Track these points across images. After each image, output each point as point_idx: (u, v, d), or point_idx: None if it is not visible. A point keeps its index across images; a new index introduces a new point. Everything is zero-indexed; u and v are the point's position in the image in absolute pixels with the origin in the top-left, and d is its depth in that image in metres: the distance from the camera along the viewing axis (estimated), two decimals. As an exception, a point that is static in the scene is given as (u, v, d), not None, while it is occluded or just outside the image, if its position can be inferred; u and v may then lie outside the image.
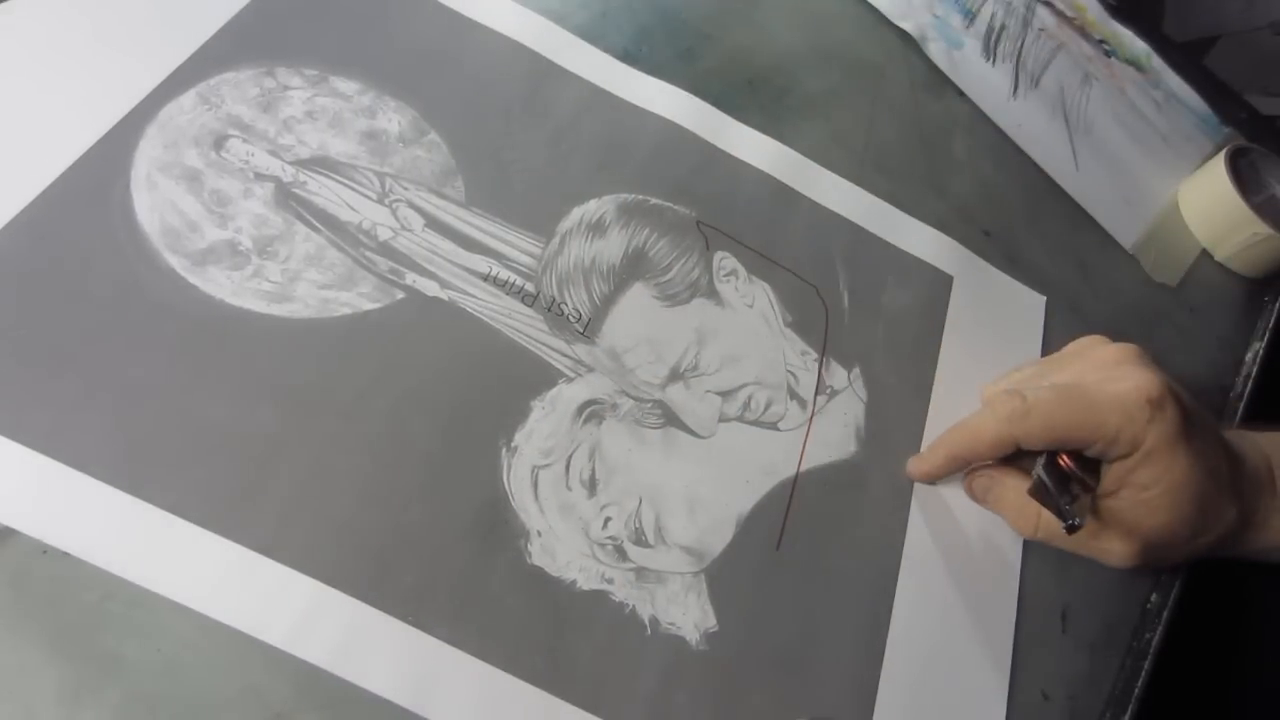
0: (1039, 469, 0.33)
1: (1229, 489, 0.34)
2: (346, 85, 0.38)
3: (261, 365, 0.31)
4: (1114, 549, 0.34)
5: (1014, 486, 0.35)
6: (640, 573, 0.32)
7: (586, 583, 0.31)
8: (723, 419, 0.36)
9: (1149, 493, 0.33)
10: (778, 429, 0.36)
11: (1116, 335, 0.37)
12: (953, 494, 0.37)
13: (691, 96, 0.44)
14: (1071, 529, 0.31)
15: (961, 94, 0.52)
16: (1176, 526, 0.34)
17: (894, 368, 0.40)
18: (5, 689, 0.24)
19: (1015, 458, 0.36)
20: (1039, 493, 0.33)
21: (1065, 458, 0.33)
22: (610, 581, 0.31)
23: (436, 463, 0.31)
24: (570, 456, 0.33)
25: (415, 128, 0.38)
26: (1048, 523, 0.35)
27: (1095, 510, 0.34)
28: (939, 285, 0.43)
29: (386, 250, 0.34)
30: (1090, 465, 0.34)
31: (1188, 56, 0.62)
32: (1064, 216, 0.50)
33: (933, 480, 0.37)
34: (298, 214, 0.34)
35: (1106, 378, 0.34)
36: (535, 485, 0.32)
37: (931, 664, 0.33)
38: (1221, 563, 0.40)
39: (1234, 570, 0.42)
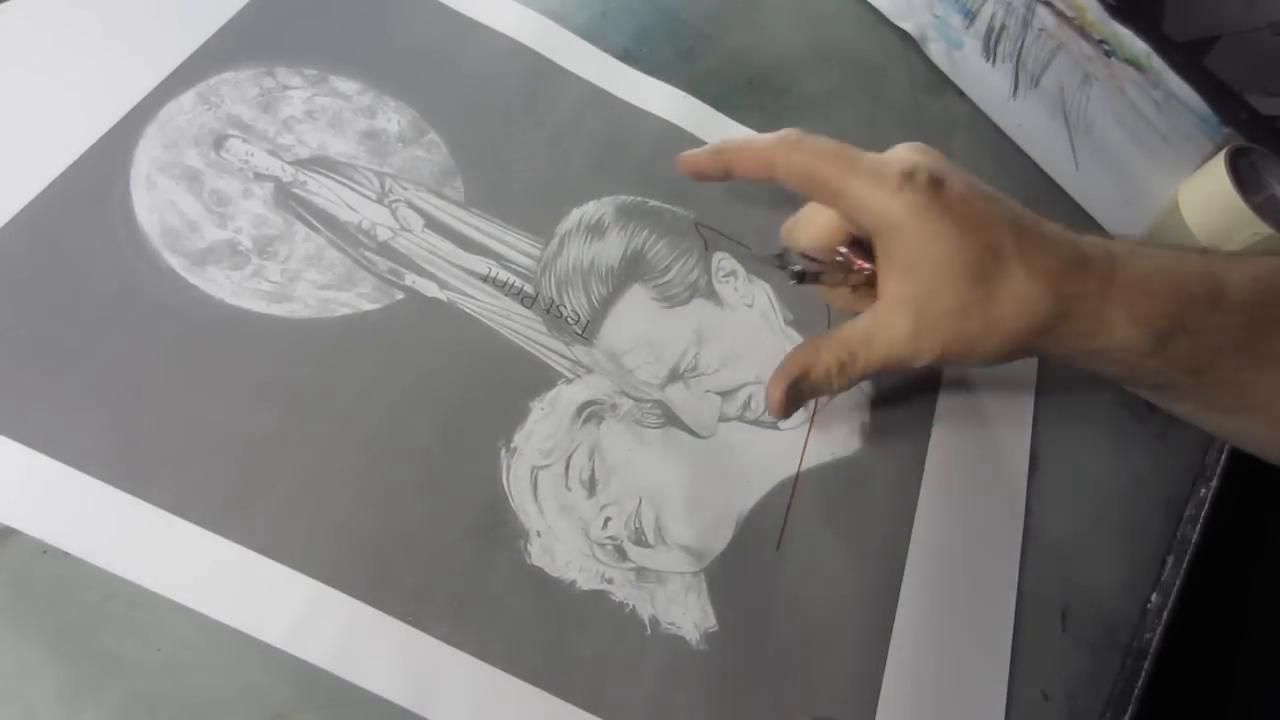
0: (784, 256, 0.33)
1: (1024, 265, 0.30)
2: (346, 85, 0.38)
3: (261, 365, 0.31)
4: (898, 333, 0.31)
5: (796, 352, 0.33)
6: (640, 573, 0.32)
7: (586, 583, 0.31)
8: (723, 419, 0.36)
9: (916, 272, 0.30)
10: (778, 428, 0.36)
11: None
12: (954, 492, 0.37)
13: (690, 97, 0.44)
14: (795, 276, 0.31)
15: (961, 94, 0.52)
16: (961, 306, 0.30)
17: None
18: (5, 689, 0.24)
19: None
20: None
21: (841, 249, 0.33)
22: (610, 581, 0.31)
23: (436, 463, 0.31)
24: (570, 457, 0.33)
25: (415, 128, 0.38)
26: (838, 355, 0.32)
27: (873, 292, 0.32)
28: None
29: (386, 250, 0.34)
30: (868, 256, 0.33)
31: (1188, 56, 0.62)
32: (1064, 216, 0.49)
33: (696, 173, 0.35)
34: (297, 214, 0.34)
35: (885, 154, 0.33)
36: (535, 486, 0.32)
37: (932, 664, 0.33)
38: (1222, 562, 0.41)
39: (1234, 569, 0.42)
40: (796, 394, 0.33)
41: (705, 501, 0.34)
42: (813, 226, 0.34)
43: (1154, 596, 0.39)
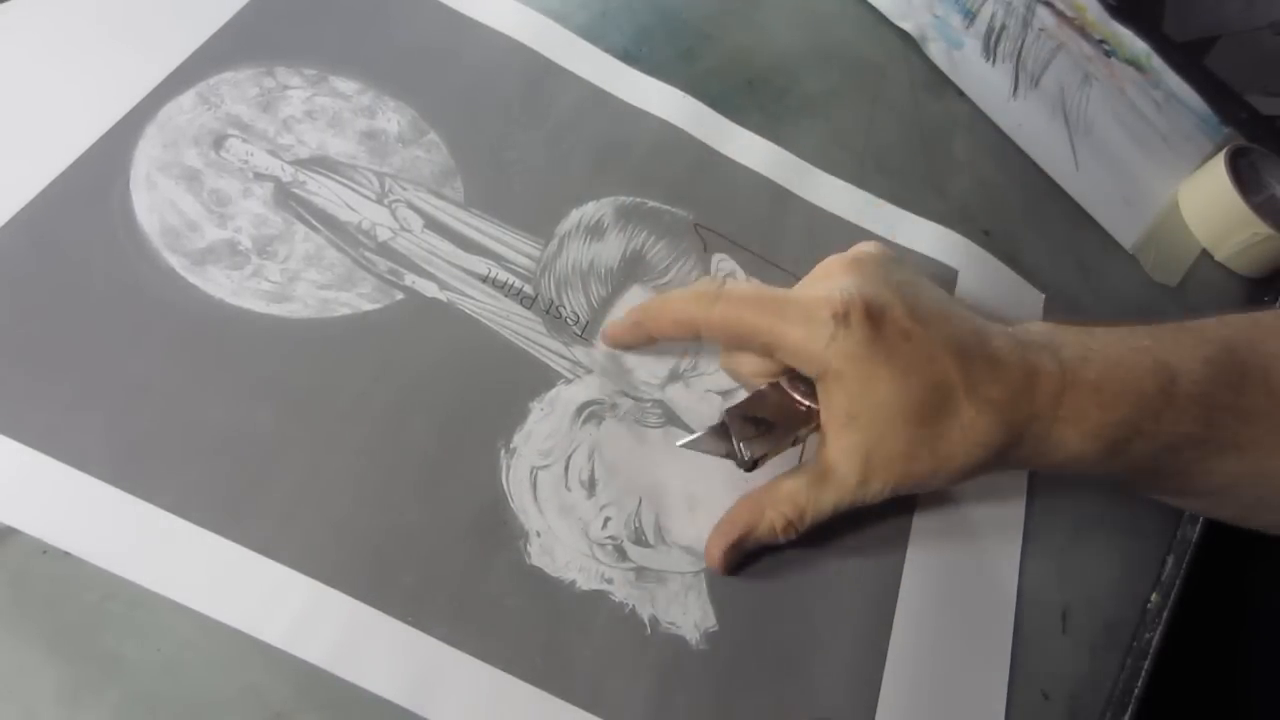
0: (722, 414, 0.31)
1: (970, 399, 0.29)
2: (346, 85, 0.38)
3: (261, 365, 0.31)
4: (844, 482, 0.30)
5: (736, 517, 0.32)
6: (640, 572, 0.32)
7: (586, 583, 0.31)
8: (722, 419, 0.36)
9: (860, 420, 0.29)
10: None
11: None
12: (956, 491, 0.37)
13: (690, 98, 0.44)
14: (744, 464, 0.29)
15: (961, 94, 0.52)
16: (907, 449, 0.29)
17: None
18: (5, 689, 0.24)
19: (736, 366, 0.33)
20: (708, 439, 0.30)
21: (784, 384, 0.31)
22: (610, 581, 0.31)
23: (436, 463, 0.31)
24: (569, 457, 0.33)
25: (414, 128, 0.38)
26: (798, 515, 0.31)
27: (823, 441, 0.31)
28: (943, 279, 0.43)
29: (386, 251, 0.34)
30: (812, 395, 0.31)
31: (1188, 56, 0.62)
32: (1064, 216, 0.50)
33: (619, 346, 0.35)
34: (297, 214, 0.34)
35: (812, 285, 0.31)
36: (534, 486, 0.32)
37: (932, 664, 0.33)
38: (1222, 562, 0.41)
39: (1235, 569, 0.42)
40: (738, 553, 0.32)
41: (705, 501, 0.34)
42: (748, 360, 0.33)
43: (1154, 596, 0.39)
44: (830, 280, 0.31)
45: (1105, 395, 0.30)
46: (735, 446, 0.30)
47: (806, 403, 0.31)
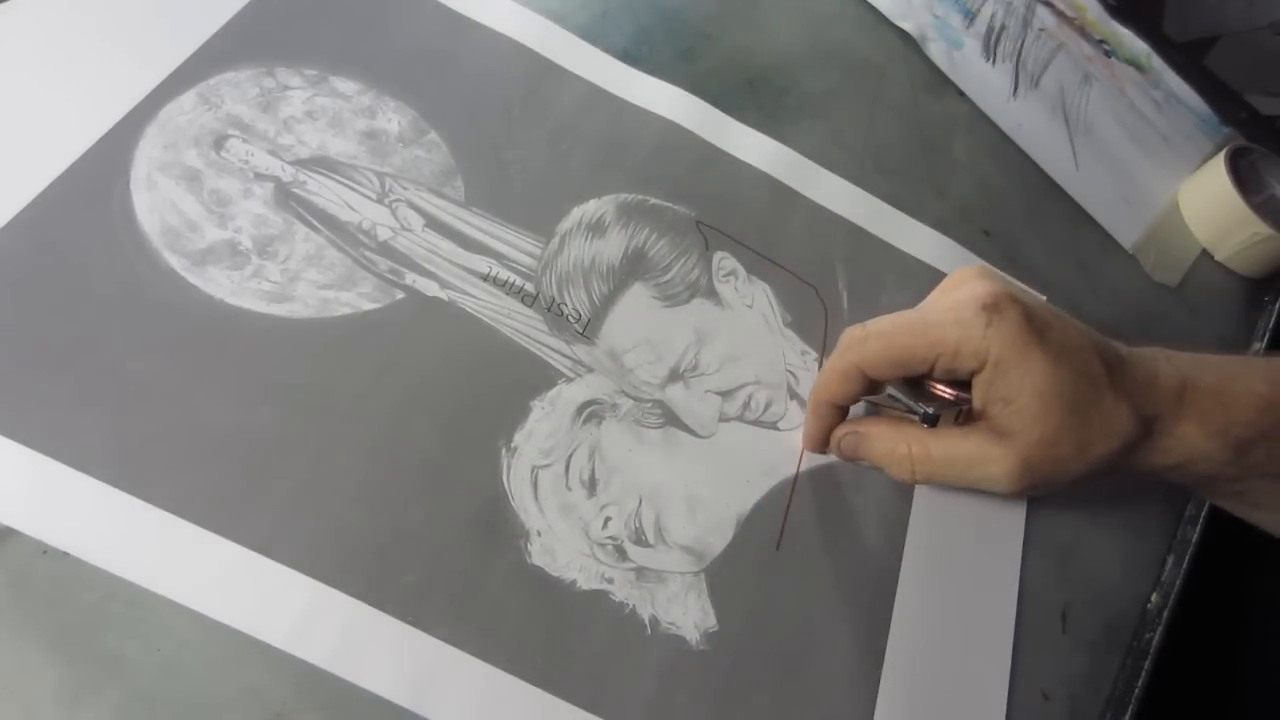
0: (889, 387, 0.31)
1: (1113, 389, 0.31)
2: (346, 85, 0.38)
3: (261, 365, 0.31)
4: (996, 470, 0.31)
5: (878, 433, 0.33)
6: (640, 572, 0.32)
7: (586, 583, 0.31)
8: (723, 419, 0.36)
9: (1014, 404, 0.31)
10: (778, 429, 0.36)
11: (1116, 335, 0.37)
12: (954, 492, 0.37)
13: (691, 96, 0.44)
14: (928, 419, 0.30)
15: (961, 94, 0.52)
16: (1055, 436, 0.31)
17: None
18: (5, 689, 0.24)
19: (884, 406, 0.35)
20: (887, 402, 0.31)
21: (934, 384, 0.32)
22: (610, 581, 0.31)
23: (436, 462, 0.31)
24: (570, 456, 0.33)
25: (415, 128, 0.38)
26: (923, 460, 0.33)
27: (973, 425, 0.32)
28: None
29: (386, 250, 0.34)
30: (963, 385, 0.32)
31: (1188, 56, 0.62)
32: (1064, 216, 0.50)
33: (823, 447, 0.35)
34: (297, 214, 0.34)
35: (943, 297, 0.33)
36: (535, 485, 0.32)
37: (932, 664, 0.33)
38: (1222, 562, 0.41)
39: (1234, 569, 0.42)
40: (852, 446, 0.34)
41: (705, 501, 0.34)
42: (873, 437, 0.34)
43: (1154, 596, 0.39)
44: (961, 288, 0.32)
45: (1226, 396, 0.32)
46: (912, 404, 0.31)
47: (960, 394, 0.32)
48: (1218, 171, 0.50)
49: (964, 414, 0.33)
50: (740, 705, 0.30)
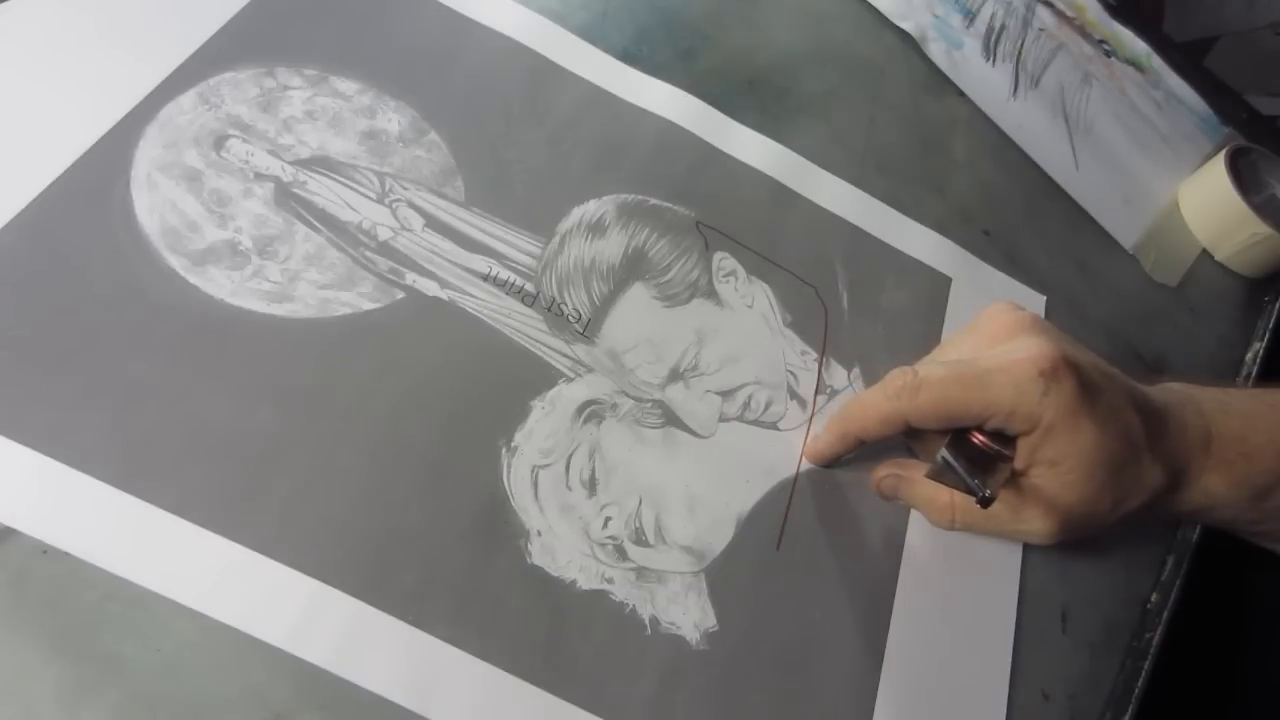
0: (943, 450, 0.31)
1: (1149, 450, 0.32)
2: (346, 85, 0.38)
3: (261, 365, 0.31)
4: (1035, 527, 0.33)
5: (921, 479, 0.34)
6: (640, 572, 0.32)
7: (586, 582, 0.31)
8: (723, 419, 0.36)
9: (1060, 467, 0.31)
10: (778, 429, 0.36)
11: (1116, 335, 0.37)
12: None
13: (691, 97, 0.44)
14: (984, 502, 0.29)
15: (961, 94, 0.52)
16: (1094, 496, 0.32)
17: (894, 367, 0.40)
18: (5, 689, 0.24)
19: (927, 443, 0.35)
20: (941, 474, 0.31)
21: (977, 435, 0.32)
22: (610, 581, 0.31)
23: (436, 462, 0.31)
24: (570, 456, 0.33)
25: (415, 128, 0.38)
26: (964, 510, 0.34)
27: (1014, 484, 0.33)
28: (938, 286, 0.43)
29: (386, 250, 0.34)
30: (1005, 439, 0.32)
31: (1188, 56, 0.62)
32: (1064, 216, 0.50)
33: (830, 462, 0.36)
34: (298, 214, 0.34)
35: (1000, 351, 0.33)
36: (535, 485, 0.32)
37: (932, 664, 0.33)
38: (1222, 562, 0.41)
39: (1234, 569, 0.42)
40: (892, 488, 0.35)
41: (705, 501, 0.34)
42: (916, 482, 0.35)
43: (1154, 596, 0.39)
44: (1016, 342, 0.33)
45: (1249, 446, 0.33)
46: (970, 483, 0.30)
47: (1003, 450, 0.32)
48: (1218, 171, 0.50)
49: (1001, 468, 0.33)
50: (740, 705, 0.30)
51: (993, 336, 0.34)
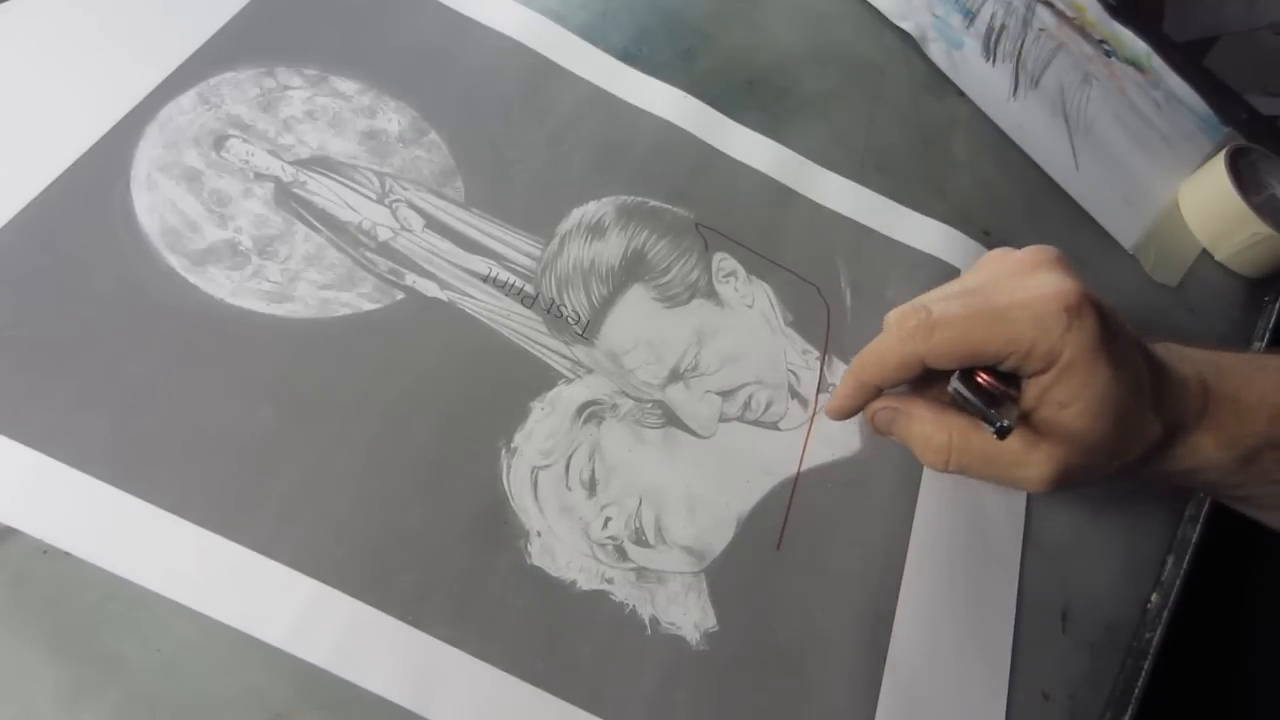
0: (954, 381, 0.30)
1: (1152, 404, 0.31)
2: (346, 85, 0.38)
3: (261, 365, 0.31)
4: (1034, 473, 0.31)
5: (919, 415, 0.33)
6: (640, 573, 0.32)
7: (586, 583, 0.31)
8: (723, 419, 0.36)
9: (1069, 409, 0.30)
10: (778, 428, 0.36)
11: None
12: (954, 492, 0.37)
13: (690, 98, 0.44)
14: (1002, 432, 0.28)
15: (961, 94, 0.52)
16: (1099, 443, 0.30)
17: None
18: (5, 689, 0.24)
19: (926, 382, 0.33)
20: (959, 402, 0.30)
21: (982, 374, 0.31)
22: (610, 581, 0.31)
23: (436, 463, 0.31)
24: (570, 457, 0.33)
25: (415, 128, 0.38)
26: (962, 451, 0.32)
27: (1018, 426, 0.31)
28: (945, 278, 0.43)
29: (386, 250, 0.34)
30: (1009, 378, 0.31)
31: (1188, 56, 0.62)
32: (1064, 216, 0.50)
33: (849, 415, 0.34)
34: (298, 214, 0.34)
35: (1019, 285, 0.31)
36: (535, 486, 0.32)
37: (932, 664, 0.33)
38: (1222, 562, 0.41)
39: (1235, 569, 0.42)
40: (887, 421, 0.34)
41: (705, 502, 0.34)
42: (914, 418, 0.33)
43: (1154, 596, 0.39)
44: (1037, 276, 0.31)
45: (1242, 407, 0.32)
46: (986, 412, 0.29)
47: (1009, 390, 0.31)
48: (1218, 171, 0.50)
49: (1008, 407, 0.31)
50: (740, 705, 0.30)
51: (1010, 269, 0.32)
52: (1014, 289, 0.31)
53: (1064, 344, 0.29)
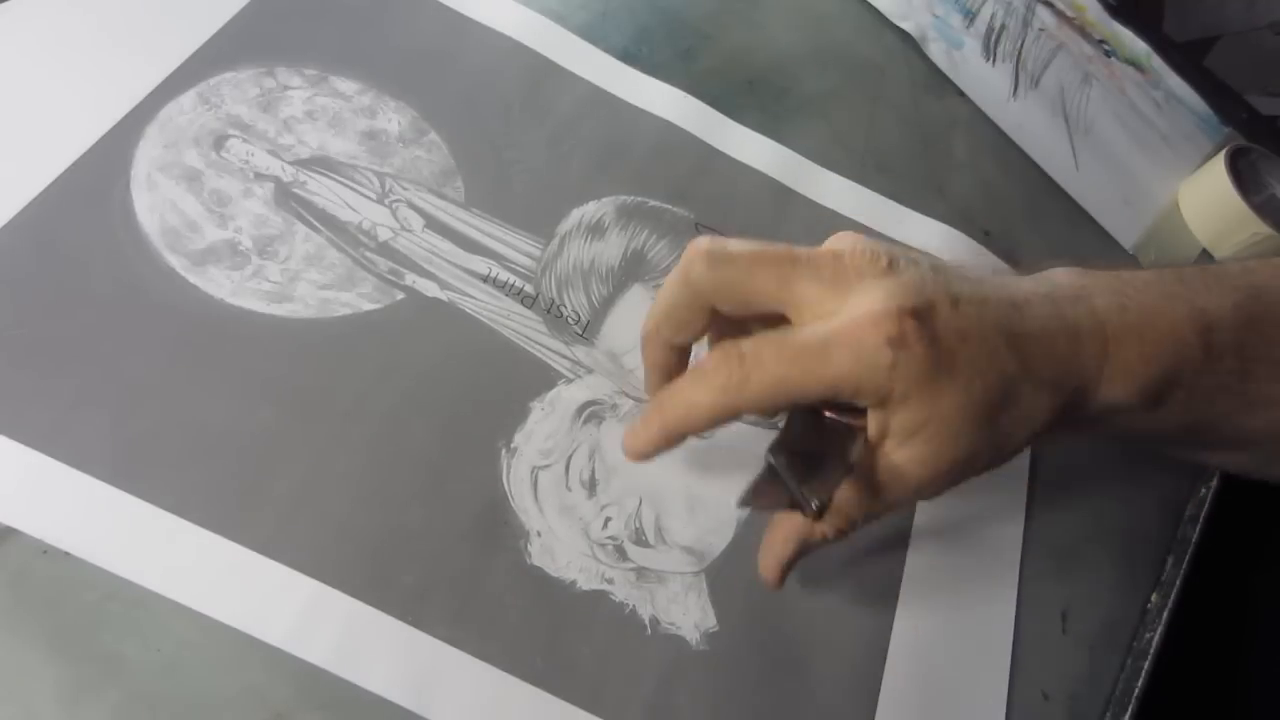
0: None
1: (1030, 380, 0.28)
2: (346, 85, 0.38)
3: (261, 365, 0.31)
4: (900, 500, 0.29)
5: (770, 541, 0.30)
6: (640, 573, 0.32)
7: (586, 583, 0.31)
8: (723, 419, 0.36)
9: (919, 435, 0.27)
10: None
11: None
12: (956, 492, 0.37)
13: (690, 97, 0.44)
14: (817, 513, 0.26)
15: (961, 94, 0.52)
16: (966, 455, 0.28)
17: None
18: (5, 689, 0.24)
19: None
20: (759, 492, 0.27)
21: (827, 411, 0.28)
22: (610, 581, 0.31)
23: (436, 463, 0.31)
24: (570, 457, 0.33)
25: (415, 128, 0.38)
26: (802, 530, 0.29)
27: (870, 460, 0.28)
28: None
29: (386, 251, 0.34)
30: (855, 409, 0.28)
31: (1188, 56, 0.62)
32: (1064, 216, 0.50)
33: (649, 458, 0.29)
34: (298, 214, 0.34)
35: (837, 307, 0.27)
36: (535, 486, 0.32)
37: (932, 664, 0.33)
38: (1222, 562, 0.41)
39: (1235, 569, 0.42)
40: (791, 568, 0.31)
41: (705, 502, 0.34)
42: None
43: (1154, 596, 0.39)
44: (853, 293, 0.27)
45: (1146, 345, 0.29)
46: (798, 494, 0.26)
47: (854, 423, 0.28)
48: (1218, 171, 0.50)
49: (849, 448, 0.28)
50: (740, 705, 0.30)
51: (837, 279, 0.28)
52: (833, 313, 0.27)
53: (893, 380, 0.26)
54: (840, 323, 0.26)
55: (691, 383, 0.28)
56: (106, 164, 0.32)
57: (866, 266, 0.28)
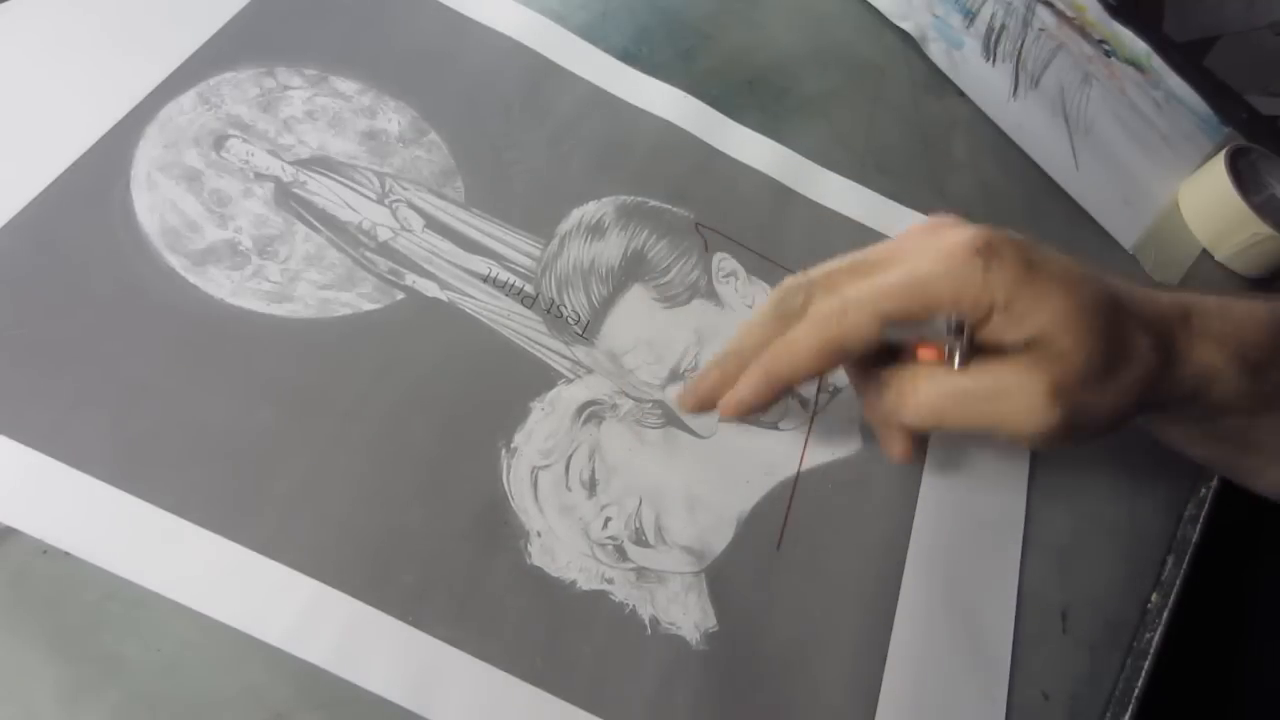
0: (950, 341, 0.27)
1: (1128, 316, 0.28)
2: (346, 85, 0.38)
3: (261, 365, 0.31)
4: (1024, 405, 0.27)
5: (888, 375, 0.30)
6: (640, 573, 0.32)
7: (586, 583, 0.31)
8: (723, 419, 0.36)
9: (1038, 343, 0.27)
10: (778, 428, 0.36)
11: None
12: (954, 492, 0.37)
13: (690, 97, 0.44)
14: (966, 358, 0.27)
15: (961, 94, 0.52)
16: (1086, 364, 0.27)
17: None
18: (5, 689, 0.24)
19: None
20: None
21: (924, 347, 0.29)
22: (610, 581, 0.31)
23: (436, 463, 0.31)
24: (570, 457, 0.33)
25: (415, 128, 0.38)
26: (942, 394, 0.29)
27: (998, 373, 0.28)
28: None
29: (386, 251, 0.34)
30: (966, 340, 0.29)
31: (1188, 56, 0.62)
32: (1064, 216, 0.50)
33: (753, 411, 0.30)
34: (298, 214, 0.34)
35: (922, 248, 0.28)
36: (535, 486, 0.32)
37: (932, 664, 0.33)
38: (1222, 562, 0.41)
39: (1235, 569, 0.42)
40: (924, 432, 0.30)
41: (705, 502, 0.34)
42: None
43: (1154, 596, 0.39)
44: (938, 235, 0.28)
45: (1231, 320, 0.29)
46: (955, 344, 0.27)
47: (947, 347, 0.29)
48: (1218, 171, 0.50)
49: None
50: (740, 705, 0.30)
51: (913, 236, 0.30)
52: (919, 252, 0.28)
53: (990, 287, 0.26)
54: (930, 253, 0.27)
55: (796, 331, 0.29)
56: (106, 164, 0.32)
57: (942, 222, 0.30)
